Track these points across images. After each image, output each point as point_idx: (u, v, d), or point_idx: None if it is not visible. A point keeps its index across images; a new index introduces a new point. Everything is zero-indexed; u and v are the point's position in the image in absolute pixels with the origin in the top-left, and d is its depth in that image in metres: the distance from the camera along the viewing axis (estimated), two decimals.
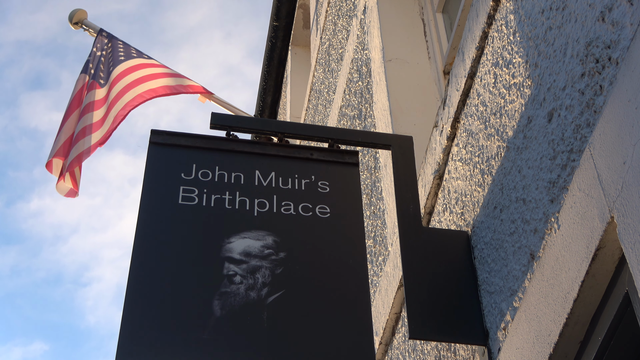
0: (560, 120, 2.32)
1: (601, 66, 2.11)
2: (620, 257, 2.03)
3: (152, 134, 3.09)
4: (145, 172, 2.95)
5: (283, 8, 9.13)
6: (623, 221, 1.92)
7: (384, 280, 3.84)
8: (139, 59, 6.71)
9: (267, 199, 2.94)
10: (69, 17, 7.54)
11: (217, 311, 2.58)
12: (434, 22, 4.42)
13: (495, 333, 2.61)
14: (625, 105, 1.95)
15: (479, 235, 2.85)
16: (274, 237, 2.82)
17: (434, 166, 3.34)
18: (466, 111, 3.11)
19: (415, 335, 2.68)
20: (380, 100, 4.26)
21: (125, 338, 2.47)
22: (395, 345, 3.65)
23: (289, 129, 3.27)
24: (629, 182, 1.90)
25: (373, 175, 4.44)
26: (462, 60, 3.14)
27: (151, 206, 2.84)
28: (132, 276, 2.63)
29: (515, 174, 2.61)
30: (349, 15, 5.73)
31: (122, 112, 6.09)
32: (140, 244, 2.72)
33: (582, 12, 2.24)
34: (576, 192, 2.17)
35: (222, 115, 3.25)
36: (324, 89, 6.53)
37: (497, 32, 2.87)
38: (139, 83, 6.38)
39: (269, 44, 9.40)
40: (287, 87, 9.17)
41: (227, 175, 2.99)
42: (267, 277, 2.70)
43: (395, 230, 3.70)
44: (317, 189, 3.01)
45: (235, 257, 2.73)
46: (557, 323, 2.19)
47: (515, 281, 2.50)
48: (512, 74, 2.71)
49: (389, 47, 4.35)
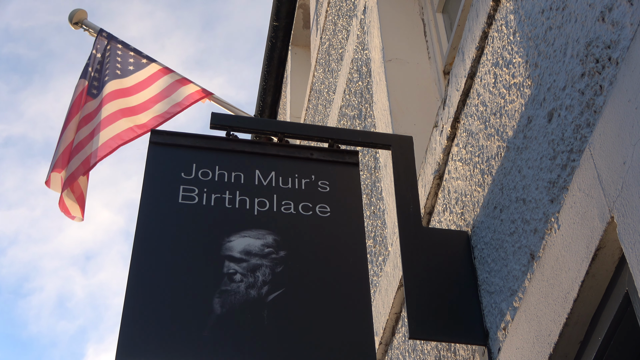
0: (560, 120, 2.32)
1: (601, 66, 2.11)
2: (620, 257, 2.03)
3: (152, 133, 3.09)
4: (146, 172, 2.96)
5: (283, 8, 9.13)
6: (623, 221, 1.92)
7: (384, 280, 3.84)
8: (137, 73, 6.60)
9: (267, 198, 2.94)
10: (69, 17, 7.53)
11: (218, 309, 2.58)
12: (434, 22, 4.42)
13: (495, 333, 2.61)
14: (625, 105, 1.95)
15: (479, 235, 2.85)
16: (274, 236, 2.82)
17: (434, 166, 3.34)
18: (466, 111, 3.11)
19: (415, 335, 2.68)
20: (380, 100, 4.27)
21: (125, 337, 2.47)
22: (395, 345, 3.65)
23: (289, 129, 3.27)
24: (629, 182, 1.90)
25: (373, 175, 4.44)
26: (462, 60, 3.14)
27: (151, 205, 2.84)
28: (132, 275, 2.63)
29: (515, 174, 2.61)
30: (349, 15, 5.73)
31: (112, 142, 5.99)
32: (140, 243, 2.72)
33: (582, 12, 2.24)
34: (576, 192, 2.17)
35: (222, 115, 3.25)
36: (324, 89, 6.53)
37: (497, 32, 2.87)
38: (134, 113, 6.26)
39: (269, 44, 9.40)
40: (287, 87, 9.17)
41: (227, 175, 2.99)
42: (268, 275, 2.70)
43: (395, 230, 3.70)
44: (317, 188, 3.01)
45: (236, 256, 2.74)
46: (557, 323, 2.19)
47: (515, 281, 2.50)
48: (512, 74, 2.71)
49: (389, 47, 4.35)
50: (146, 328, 2.50)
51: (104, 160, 6.14)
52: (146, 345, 2.47)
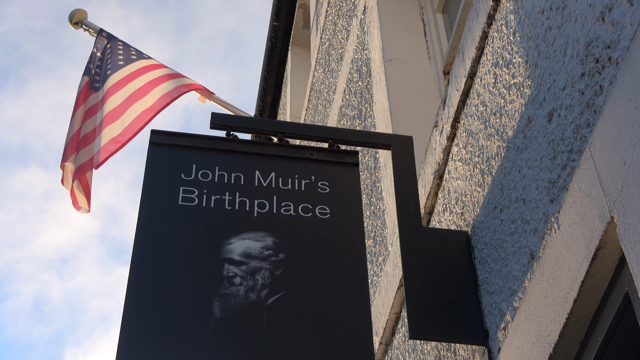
0: (560, 120, 2.32)
1: (601, 66, 2.10)
2: (620, 257, 2.03)
3: (152, 134, 3.09)
4: (145, 173, 2.95)
5: (283, 8, 9.13)
6: (623, 221, 1.91)
7: (384, 280, 3.84)
8: (139, 61, 6.64)
9: (267, 200, 2.94)
10: (69, 17, 7.52)
11: (217, 313, 2.57)
12: (434, 22, 4.42)
13: (495, 333, 2.61)
14: (625, 105, 1.95)
15: (479, 235, 2.85)
16: (273, 238, 2.82)
17: (434, 166, 3.34)
18: (466, 111, 3.10)
19: (415, 335, 2.68)
20: (380, 100, 4.26)
21: (125, 340, 2.47)
22: (395, 345, 3.65)
23: (289, 129, 3.27)
24: (629, 182, 1.90)
25: (373, 175, 4.44)
26: (462, 60, 3.14)
27: (151, 207, 2.84)
28: (132, 277, 2.62)
29: (515, 174, 2.61)
30: (349, 15, 5.73)
31: (121, 138, 5.98)
32: (140, 245, 2.72)
33: (582, 12, 2.24)
34: (576, 192, 2.17)
35: (222, 115, 3.25)
36: (324, 89, 6.53)
37: (497, 32, 2.87)
38: (137, 98, 6.26)
39: (269, 44, 9.40)
40: (287, 87, 9.17)
41: (227, 176, 2.99)
42: (267, 278, 2.69)
43: (395, 230, 3.70)
44: (317, 189, 3.01)
45: (235, 259, 2.73)
46: (557, 323, 2.19)
47: (515, 281, 2.50)
48: (512, 74, 2.71)
49: (389, 47, 4.35)
50: (146, 331, 2.50)
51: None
52: (146, 348, 2.46)
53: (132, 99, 6.22)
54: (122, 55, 6.74)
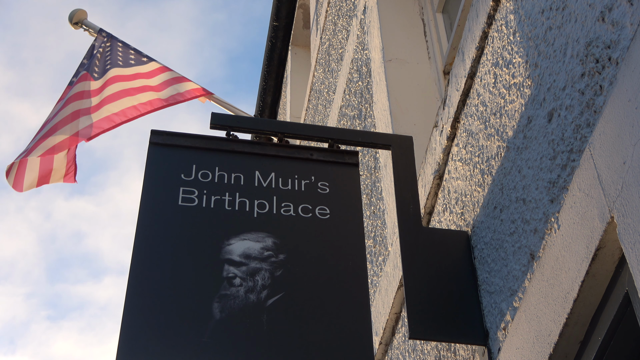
0: (560, 120, 2.32)
1: (601, 66, 2.10)
2: (620, 257, 2.03)
3: (152, 134, 3.09)
4: (145, 173, 2.95)
5: (283, 8, 9.13)
6: (623, 221, 1.91)
7: (384, 280, 3.84)
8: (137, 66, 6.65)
9: (267, 200, 2.93)
10: (69, 17, 7.53)
11: (217, 314, 2.57)
12: (434, 22, 4.42)
13: (495, 333, 2.60)
14: (625, 105, 1.95)
15: (479, 235, 2.85)
16: (273, 239, 2.82)
17: (434, 166, 3.34)
18: (466, 111, 3.10)
19: (415, 335, 2.68)
20: (380, 100, 4.26)
21: (124, 341, 2.47)
22: (395, 345, 3.65)
23: (289, 129, 3.27)
24: (629, 182, 1.90)
25: (373, 175, 4.44)
26: (462, 60, 3.14)
27: (151, 207, 2.83)
28: (132, 278, 2.62)
29: (515, 174, 2.61)
30: (349, 15, 5.73)
31: (116, 118, 6.02)
32: (139, 245, 2.72)
33: (582, 12, 2.24)
34: (576, 192, 2.17)
35: (222, 115, 3.25)
36: (324, 89, 6.53)
37: (497, 32, 2.87)
38: (136, 92, 6.30)
39: (269, 44, 9.40)
40: (287, 87, 9.17)
41: (227, 176, 2.99)
42: (267, 279, 2.69)
43: (395, 230, 3.70)
44: (317, 189, 3.01)
45: (235, 259, 2.73)
46: (557, 323, 2.19)
47: (515, 281, 2.50)
48: (512, 74, 2.71)
49: (389, 47, 4.35)
50: (145, 332, 2.50)
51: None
52: (145, 349, 2.46)
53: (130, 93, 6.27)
54: (121, 57, 6.76)
